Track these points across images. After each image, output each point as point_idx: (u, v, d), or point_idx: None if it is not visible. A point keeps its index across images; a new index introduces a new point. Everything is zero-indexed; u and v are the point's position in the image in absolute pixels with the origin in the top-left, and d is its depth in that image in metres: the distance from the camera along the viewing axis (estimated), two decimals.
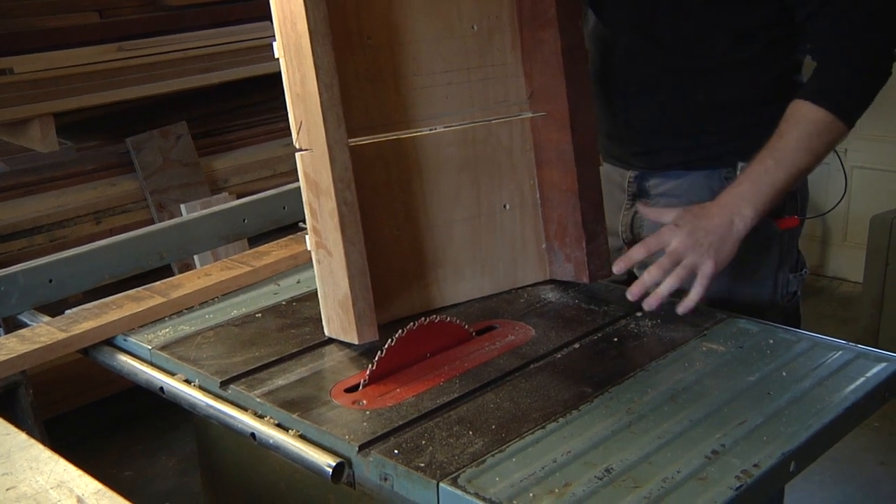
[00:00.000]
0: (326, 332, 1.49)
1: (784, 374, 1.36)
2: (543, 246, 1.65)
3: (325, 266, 1.43)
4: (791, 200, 1.69)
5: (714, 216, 1.49)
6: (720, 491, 1.09)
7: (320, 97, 1.36)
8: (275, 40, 1.40)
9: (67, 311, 1.63)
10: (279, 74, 1.40)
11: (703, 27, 1.61)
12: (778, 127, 1.53)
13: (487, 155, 1.61)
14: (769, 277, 1.73)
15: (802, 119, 1.51)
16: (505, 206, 1.63)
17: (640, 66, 1.70)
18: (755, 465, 1.13)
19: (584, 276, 1.60)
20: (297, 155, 1.42)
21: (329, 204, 1.39)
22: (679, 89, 1.68)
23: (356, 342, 1.43)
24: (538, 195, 1.64)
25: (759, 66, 1.66)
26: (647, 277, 1.48)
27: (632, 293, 1.50)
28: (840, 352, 1.42)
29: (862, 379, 1.34)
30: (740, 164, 1.65)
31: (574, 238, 1.60)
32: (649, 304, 1.49)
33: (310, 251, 1.46)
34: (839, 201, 1.65)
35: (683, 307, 1.48)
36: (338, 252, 1.40)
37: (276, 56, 1.41)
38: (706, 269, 1.45)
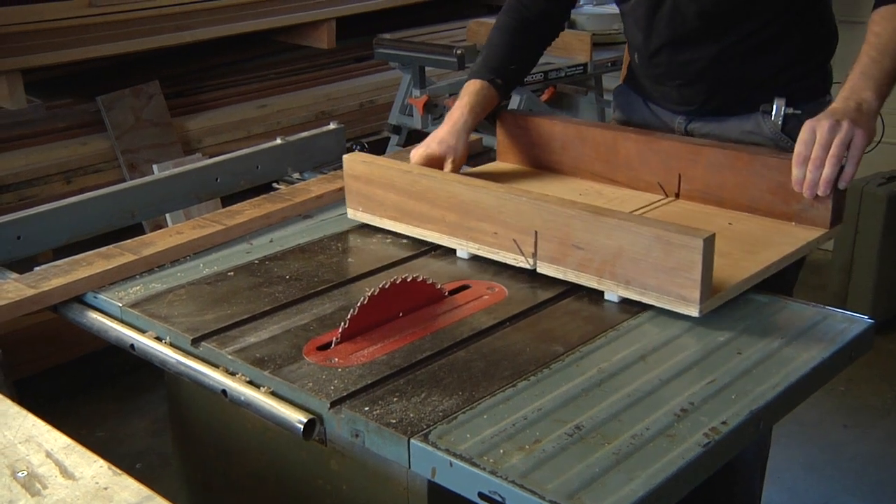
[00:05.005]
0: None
1: (754, 334, 1.37)
2: None
3: None
4: None
5: (841, 106, 1.56)
6: (688, 448, 1.10)
7: None
8: None
9: (36, 268, 1.62)
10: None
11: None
12: (868, 33, 1.63)
13: None
14: None
15: (889, 15, 1.62)
16: None
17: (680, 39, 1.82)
18: (723, 423, 1.15)
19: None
20: None
21: None
22: (719, 62, 1.80)
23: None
24: None
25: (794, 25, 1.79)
26: (811, 175, 1.54)
27: (808, 193, 1.56)
28: (809, 313, 1.44)
29: (829, 339, 1.36)
30: (776, 100, 1.81)
31: None
32: (823, 191, 1.55)
33: None
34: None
35: (843, 181, 1.55)
36: None
37: None
38: (858, 140, 1.52)
